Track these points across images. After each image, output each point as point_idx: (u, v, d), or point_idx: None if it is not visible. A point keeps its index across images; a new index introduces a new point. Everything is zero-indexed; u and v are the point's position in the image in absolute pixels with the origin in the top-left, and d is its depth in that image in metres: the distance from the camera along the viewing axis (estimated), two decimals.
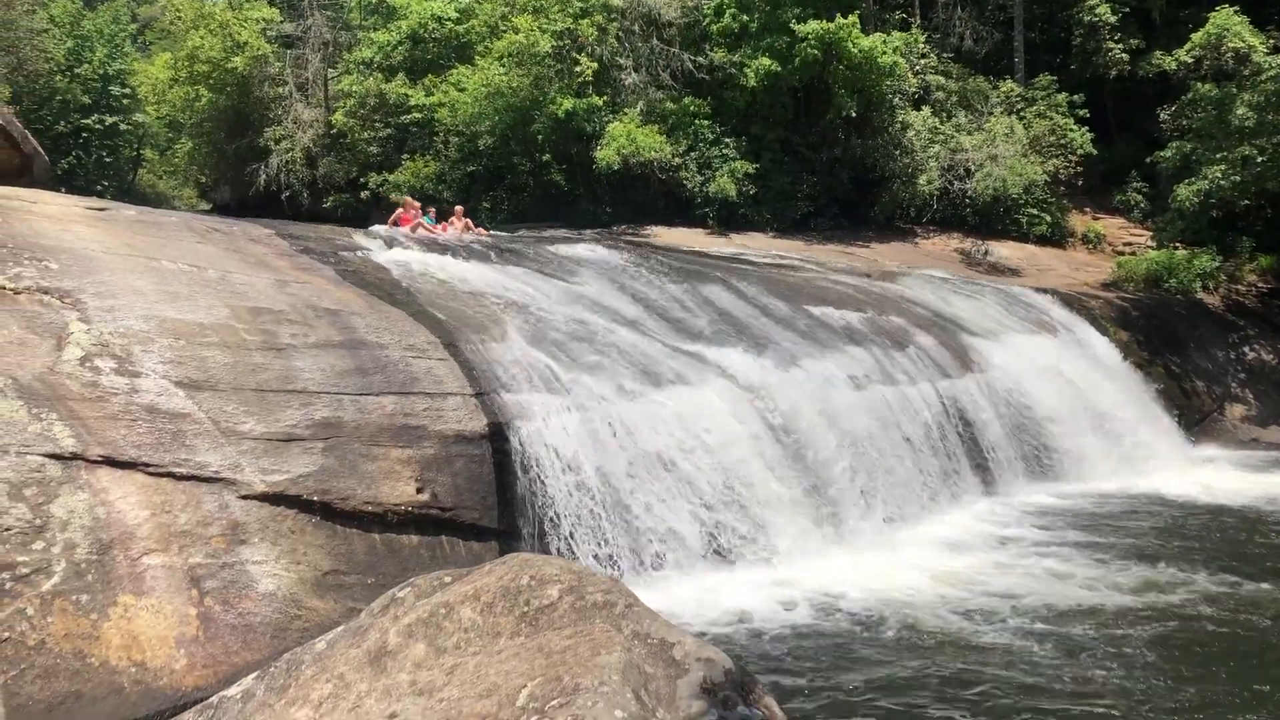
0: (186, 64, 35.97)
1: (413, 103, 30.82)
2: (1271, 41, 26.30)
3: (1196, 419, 20.70)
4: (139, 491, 8.14)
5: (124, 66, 39.48)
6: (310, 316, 10.97)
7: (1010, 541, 12.71)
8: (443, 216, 21.91)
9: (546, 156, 28.30)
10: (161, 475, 8.33)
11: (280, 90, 35.56)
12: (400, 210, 21.06)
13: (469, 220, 21.69)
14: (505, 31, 29.09)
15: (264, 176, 34.32)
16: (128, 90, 39.17)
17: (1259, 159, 22.04)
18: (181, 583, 7.87)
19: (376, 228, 19.02)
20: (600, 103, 27.39)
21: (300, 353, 10.19)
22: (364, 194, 31.46)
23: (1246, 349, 22.61)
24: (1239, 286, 24.56)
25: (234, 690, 5.45)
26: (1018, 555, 12.05)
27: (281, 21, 36.84)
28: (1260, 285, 24.66)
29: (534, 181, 28.66)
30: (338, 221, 26.90)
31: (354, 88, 32.43)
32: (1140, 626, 9.43)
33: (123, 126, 38.56)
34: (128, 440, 8.37)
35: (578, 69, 27.52)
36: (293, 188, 34.19)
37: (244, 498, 8.58)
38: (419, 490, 9.64)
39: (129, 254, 11.23)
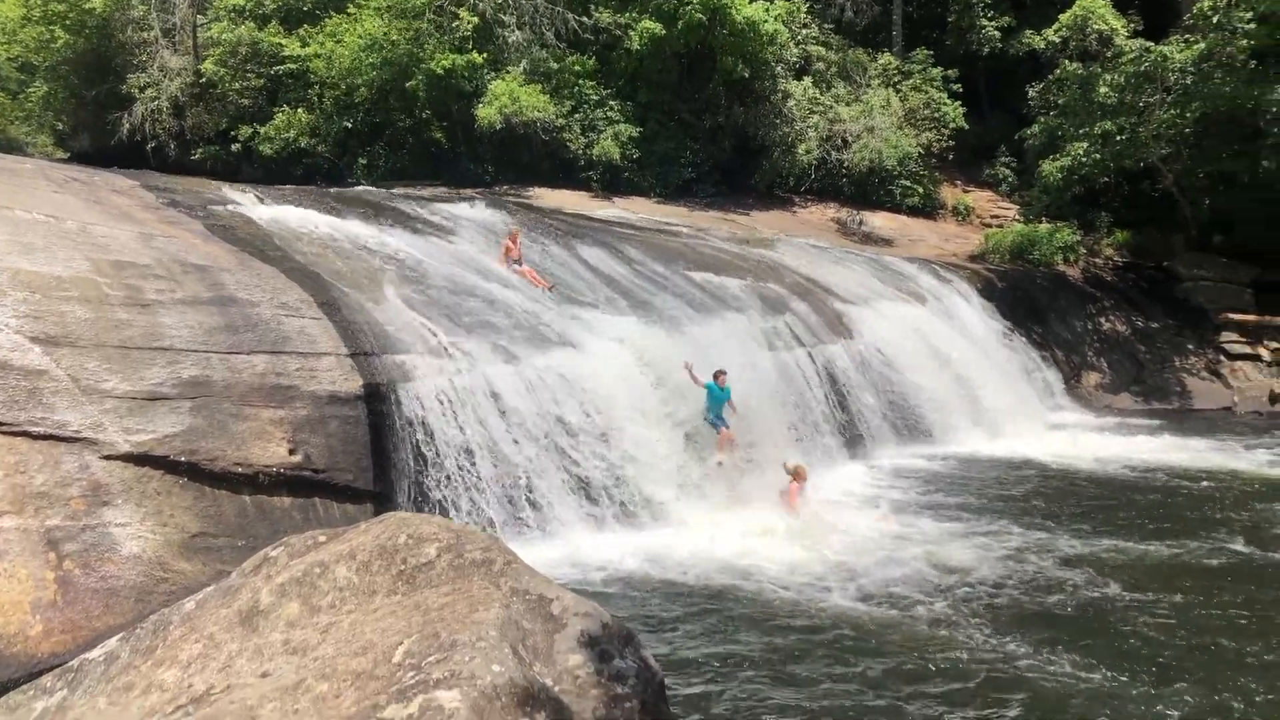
0: (40, 2, 33.93)
1: (287, 53, 29.75)
2: (1132, 25, 27.50)
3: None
4: None
5: None
6: (177, 272, 10.58)
7: (878, 501, 13.11)
8: None
9: (426, 113, 27.70)
10: (15, 434, 7.97)
11: (145, 35, 33.84)
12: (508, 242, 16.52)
13: None
14: None
15: (127, 125, 32.69)
16: None
17: (1118, 136, 23.07)
18: (38, 546, 7.55)
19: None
20: (481, 60, 26.91)
21: (167, 309, 9.82)
22: (235, 146, 30.33)
23: (1103, 320, 23.77)
24: (1097, 260, 25.82)
25: (96, 652, 5.28)
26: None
27: None
28: (1117, 259, 25.97)
29: (413, 138, 28.05)
30: (207, 175, 25.97)
31: (224, 35, 31.10)
32: (986, 586, 9.82)
33: None
34: None
35: (456, 23, 26.96)
36: (159, 138, 32.69)
37: (106, 458, 8.27)
38: (291, 451, 9.44)
39: None
